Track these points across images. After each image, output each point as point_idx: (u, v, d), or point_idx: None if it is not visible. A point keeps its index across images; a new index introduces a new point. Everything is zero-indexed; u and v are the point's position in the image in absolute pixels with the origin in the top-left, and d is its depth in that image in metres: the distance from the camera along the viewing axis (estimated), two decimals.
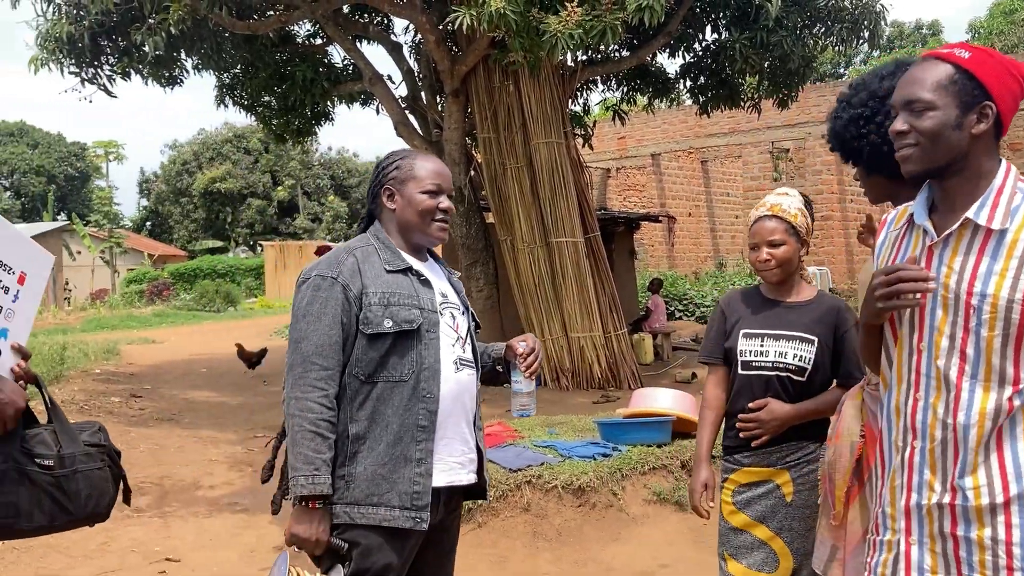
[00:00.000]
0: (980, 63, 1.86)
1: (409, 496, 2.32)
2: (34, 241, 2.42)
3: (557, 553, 4.70)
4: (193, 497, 6.09)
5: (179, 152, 43.07)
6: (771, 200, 2.81)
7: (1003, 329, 1.83)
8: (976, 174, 1.90)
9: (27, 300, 2.32)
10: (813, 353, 2.69)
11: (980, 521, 1.87)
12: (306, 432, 2.27)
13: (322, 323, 2.33)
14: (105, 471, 2.37)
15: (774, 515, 2.71)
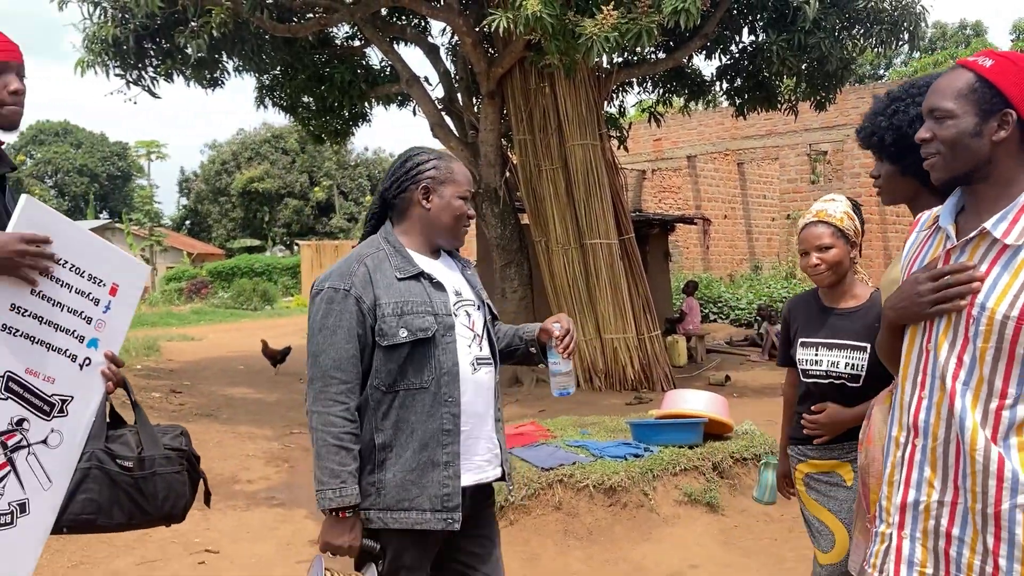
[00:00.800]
0: (1001, 71, 1.88)
1: (440, 499, 2.38)
2: (128, 253, 2.53)
3: (588, 552, 4.74)
4: (232, 491, 6.21)
5: (218, 152, 43.65)
6: (817, 207, 2.92)
7: (996, 343, 1.85)
8: (1004, 181, 1.92)
9: (119, 310, 2.41)
10: (866, 360, 2.77)
11: (974, 525, 1.89)
12: (330, 446, 2.32)
13: (338, 337, 2.36)
14: (183, 475, 2.47)
15: (837, 502, 2.86)
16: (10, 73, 2.25)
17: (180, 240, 41.66)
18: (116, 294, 2.39)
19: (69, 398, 2.27)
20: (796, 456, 2.97)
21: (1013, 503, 1.85)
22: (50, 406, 2.23)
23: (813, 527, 2.94)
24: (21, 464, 2.19)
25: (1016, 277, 1.85)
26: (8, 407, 2.14)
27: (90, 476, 2.31)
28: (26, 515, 2.20)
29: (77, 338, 2.29)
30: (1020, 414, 1.86)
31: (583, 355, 9.65)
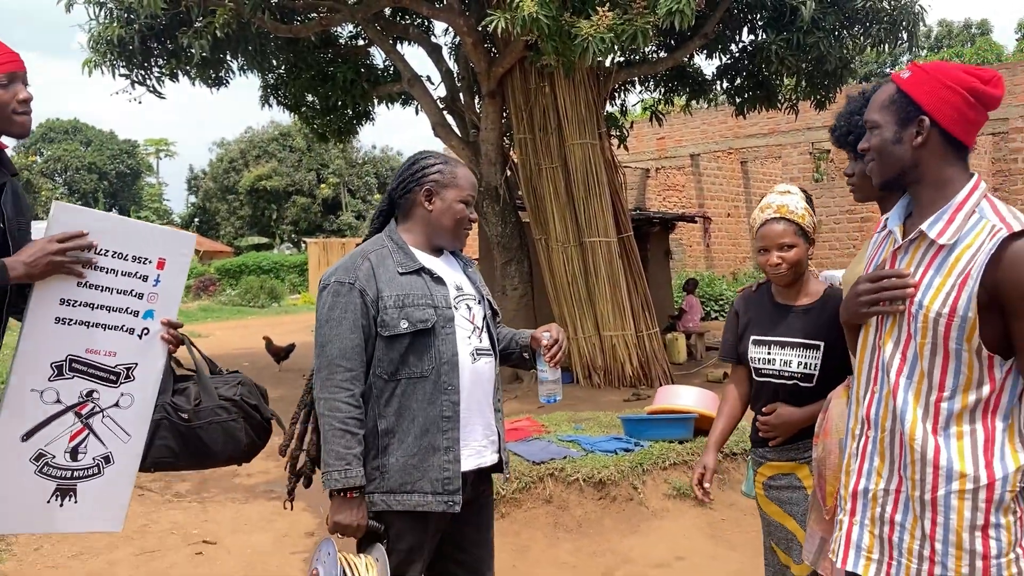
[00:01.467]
0: (915, 82, 2.00)
1: (440, 482, 2.51)
2: (169, 228, 2.83)
3: (577, 544, 4.84)
4: (231, 484, 6.33)
5: (226, 150, 43.85)
6: (776, 201, 2.82)
7: (932, 339, 1.96)
8: (936, 183, 2.03)
9: (170, 280, 2.69)
10: (819, 359, 2.72)
11: (914, 511, 2.00)
12: (336, 430, 2.45)
13: (343, 327, 2.50)
14: (238, 421, 2.76)
15: (798, 508, 2.78)
16: (18, 83, 2.38)
17: None
18: (164, 267, 2.66)
19: (134, 364, 2.58)
20: (756, 459, 2.92)
21: (948, 490, 1.95)
22: (116, 375, 2.56)
23: (776, 535, 2.88)
24: (98, 427, 2.56)
25: (948, 276, 1.95)
26: (76, 384, 2.49)
27: (161, 426, 2.66)
28: (111, 465, 2.60)
29: (131, 313, 2.58)
30: (957, 406, 1.96)
31: (582, 352, 9.73)
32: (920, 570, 1.98)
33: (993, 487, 1.93)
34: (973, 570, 1.93)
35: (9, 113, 2.37)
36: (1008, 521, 1.94)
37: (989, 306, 1.91)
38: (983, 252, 1.91)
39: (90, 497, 2.57)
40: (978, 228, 1.96)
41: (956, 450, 1.95)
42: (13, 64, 2.38)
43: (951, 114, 2.00)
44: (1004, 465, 1.94)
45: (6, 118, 2.38)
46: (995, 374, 1.95)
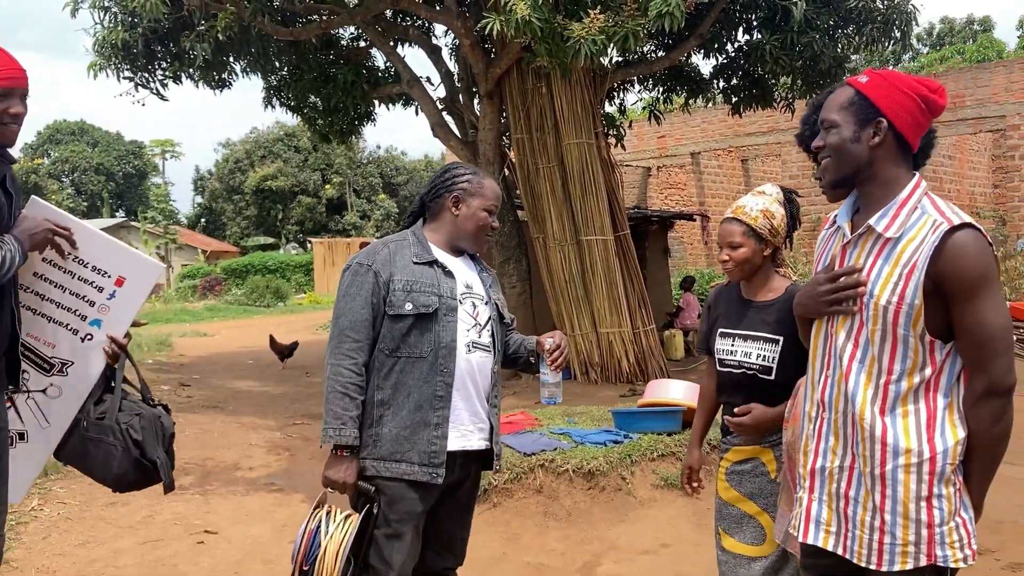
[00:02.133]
0: (874, 86, 2.16)
1: (427, 455, 2.74)
2: (142, 253, 2.98)
3: (566, 532, 4.99)
4: (233, 477, 6.49)
5: (232, 150, 44.08)
6: (740, 202, 2.96)
7: (882, 326, 2.12)
8: (885, 182, 2.19)
9: (125, 299, 2.86)
10: (778, 352, 2.83)
11: (865, 485, 2.16)
12: (336, 392, 2.72)
13: (356, 303, 2.78)
14: (116, 448, 2.85)
15: (761, 492, 2.89)
16: (14, 98, 2.51)
17: (195, 238, 42.13)
18: (122, 285, 2.83)
19: (69, 362, 2.77)
20: (725, 446, 3.00)
21: (895, 464, 2.11)
22: (49, 365, 2.74)
23: (727, 518, 2.95)
24: (20, 404, 2.72)
25: (895, 267, 2.11)
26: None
27: (76, 427, 2.82)
28: (24, 442, 2.77)
29: (79, 316, 2.77)
30: (903, 387, 2.13)
31: (579, 349, 9.87)
32: (872, 540, 2.14)
33: (935, 460, 2.09)
34: (919, 538, 2.09)
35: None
36: (949, 492, 2.10)
37: (933, 293, 2.07)
38: (927, 244, 2.07)
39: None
40: (921, 222, 2.12)
41: (902, 428, 2.12)
42: (14, 80, 2.51)
43: (906, 117, 2.16)
44: (944, 440, 2.10)
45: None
46: (936, 357, 2.12)
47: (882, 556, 2.13)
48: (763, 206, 2.90)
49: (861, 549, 2.17)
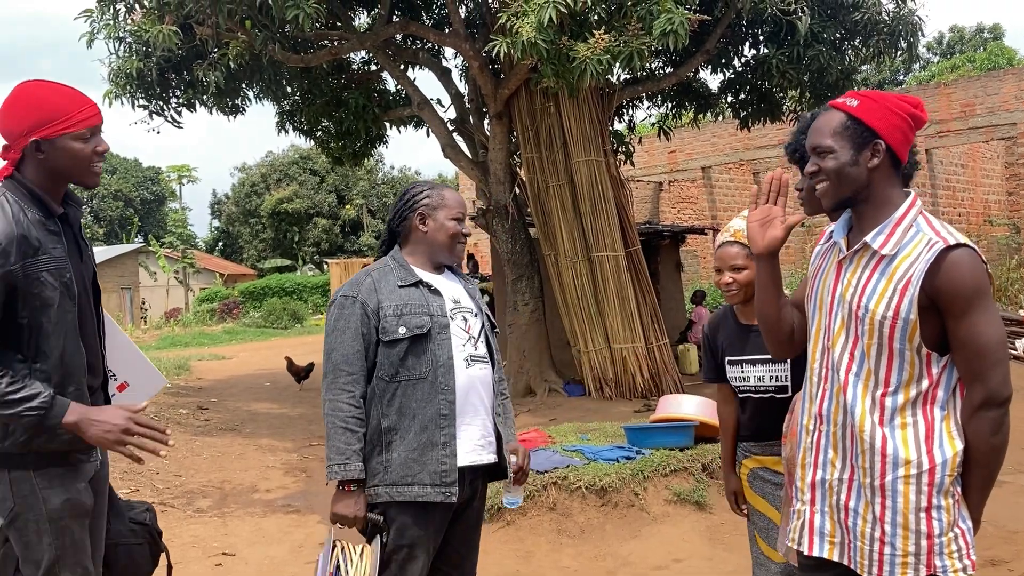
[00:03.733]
0: (866, 109, 2.20)
1: (439, 475, 2.76)
2: (152, 365, 2.95)
3: (579, 549, 5.02)
4: (250, 499, 6.56)
5: (248, 174, 44.44)
6: (736, 225, 2.99)
7: (878, 339, 2.17)
8: (881, 201, 2.24)
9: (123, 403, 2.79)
10: (788, 371, 2.89)
11: (865, 497, 2.20)
12: (338, 428, 2.73)
13: (346, 336, 2.79)
14: (144, 548, 2.81)
15: (778, 500, 2.91)
16: (98, 136, 2.54)
17: (212, 261, 42.46)
18: (123, 391, 2.82)
19: None
20: (741, 452, 3.09)
21: (895, 476, 2.15)
22: None
23: (759, 524, 3.03)
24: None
25: (891, 282, 2.16)
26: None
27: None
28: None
29: None
30: (900, 400, 2.17)
31: (592, 365, 9.91)
32: (872, 551, 2.18)
33: (934, 471, 2.13)
34: (919, 548, 2.13)
35: (87, 165, 2.50)
36: (948, 503, 2.13)
37: (928, 308, 2.12)
38: (922, 261, 2.12)
39: None
40: (915, 240, 2.17)
41: (900, 439, 2.16)
42: (95, 118, 2.52)
43: (899, 137, 2.22)
44: (943, 451, 2.14)
45: (85, 170, 2.51)
46: (932, 370, 2.16)
47: (882, 567, 2.17)
48: None
49: (862, 560, 2.20)
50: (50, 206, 2.47)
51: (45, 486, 2.41)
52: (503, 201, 10.31)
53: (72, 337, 2.45)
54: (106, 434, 2.39)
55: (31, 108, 2.46)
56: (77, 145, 2.47)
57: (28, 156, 2.48)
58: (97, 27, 9.67)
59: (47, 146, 2.45)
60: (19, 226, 2.37)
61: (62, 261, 2.44)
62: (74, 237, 2.57)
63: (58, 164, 2.47)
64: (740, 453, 3.11)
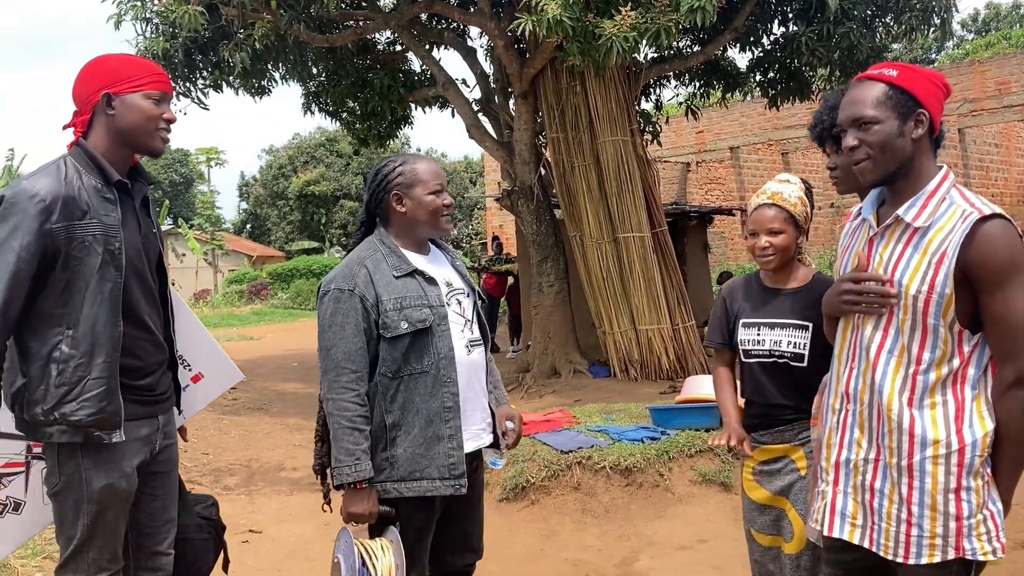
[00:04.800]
0: (907, 78, 2.14)
1: (447, 468, 2.72)
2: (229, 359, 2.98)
3: (603, 528, 5.02)
4: (277, 478, 6.62)
5: (275, 156, 44.62)
6: (772, 188, 2.89)
7: (911, 316, 2.12)
8: (917, 174, 2.18)
9: (196, 395, 2.88)
10: (808, 339, 2.77)
11: (891, 478, 2.16)
12: (345, 428, 2.64)
13: (346, 332, 2.68)
14: (209, 542, 2.86)
15: (791, 489, 2.84)
16: (167, 103, 2.55)
17: (241, 243, 42.75)
18: (198, 382, 2.86)
19: None
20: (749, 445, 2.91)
21: (923, 456, 2.11)
22: None
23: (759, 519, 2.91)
24: (35, 473, 2.60)
25: (924, 256, 2.11)
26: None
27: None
28: (16, 514, 2.63)
29: None
30: (931, 378, 2.12)
31: (618, 346, 9.87)
32: (899, 532, 2.14)
33: (964, 452, 2.08)
34: (947, 530, 2.09)
35: (153, 129, 2.50)
36: (977, 484, 2.09)
37: (962, 283, 2.07)
38: (957, 233, 2.07)
39: None
40: (949, 212, 2.11)
41: (930, 419, 2.11)
42: (166, 85, 2.54)
43: (937, 106, 2.17)
44: (973, 431, 2.09)
45: (150, 133, 2.50)
46: (963, 348, 2.12)
47: (909, 549, 2.13)
48: (799, 194, 2.87)
49: (887, 542, 2.17)
50: (108, 173, 2.47)
51: (89, 467, 2.42)
52: (528, 182, 10.27)
53: (109, 308, 2.43)
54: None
55: (103, 68, 2.49)
56: (147, 104, 2.47)
57: (97, 117, 2.48)
58: (124, 8, 9.72)
59: (117, 102, 2.46)
60: (68, 188, 2.37)
61: (112, 229, 2.43)
62: (134, 210, 2.55)
63: (126, 123, 2.47)
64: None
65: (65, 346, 2.36)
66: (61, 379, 2.37)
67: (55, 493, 2.45)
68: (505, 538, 4.87)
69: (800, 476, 2.82)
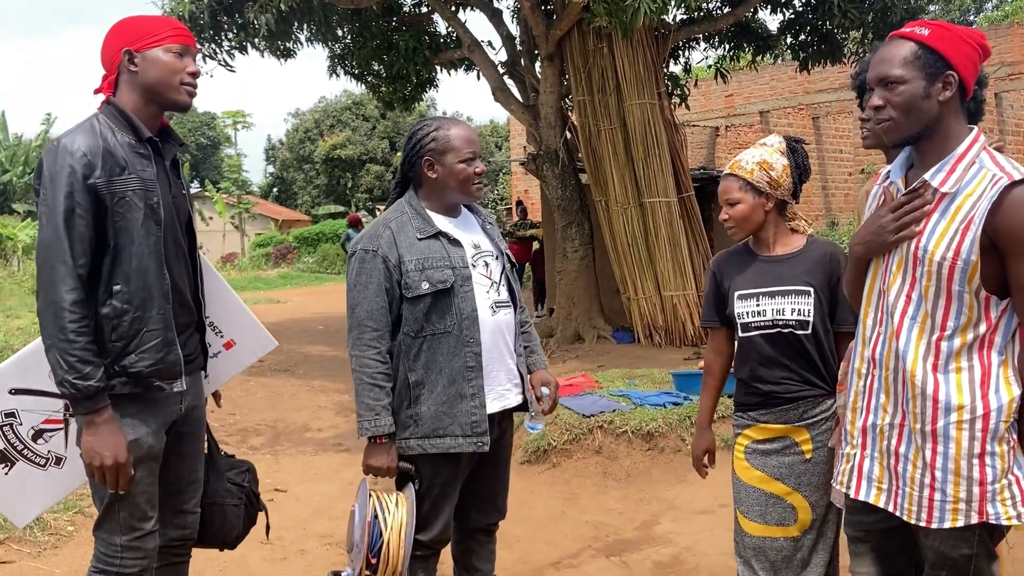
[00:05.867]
0: (939, 37, 2.08)
1: (469, 425, 2.77)
2: (262, 325, 2.97)
3: (624, 492, 5.04)
4: (302, 438, 6.70)
5: (301, 120, 44.62)
6: (737, 157, 2.76)
7: (936, 282, 2.09)
8: (944, 136, 2.13)
9: (227, 361, 2.87)
10: (811, 304, 2.64)
11: (915, 443, 2.14)
12: (365, 384, 2.72)
13: (369, 291, 2.74)
14: (240, 508, 2.85)
15: (792, 471, 2.69)
16: (190, 56, 2.55)
17: (267, 207, 42.93)
18: (230, 349, 2.86)
19: None
20: (744, 421, 2.78)
21: (947, 421, 2.09)
22: None
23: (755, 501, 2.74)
24: (73, 429, 2.60)
25: (952, 222, 2.07)
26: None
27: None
28: (58, 468, 2.65)
29: None
30: (956, 344, 2.10)
31: (642, 312, 9.83)
32: (922, 497, 2.13)
33: (988, 417, 2.06)
34: (970, 495, 2.08)
35: (177, 83, 2.50)
36: (1002, 449, 2.08)
37: (989, 249, 2.03)
38: (985, 198, 2.03)
39: (19, 480, 2.60)
40: (979, 177, 2.07)
41: (955, 384, 2.09)
42: (187, 38, 2.54)
43: (971, 68, 2.11)
44: (999, 397, 2.07)
45: (174, 87, 2.50)
46: (991, 313, 2.08)
47: (932, 513, 2.12)
48: (760, 158, 2.70)
49: (911, 506, 2.16)
50: (140, 130, 2.48)
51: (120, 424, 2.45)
52: (554, 146, 10.19)
53: (155, 261, 2.45)
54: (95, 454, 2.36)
55: (124, 27, 2.51)
56: (167, 57, 2.48)
57: (123, 75, 2.50)
58: None
59: (139, 59, 2.47)
60: (106, 143, 2.39)
61: (150, 184, 2.45)
62: (165, 170, 2.57)
63: (149, 78, 2.48)
64: (740, 423, 2.80)
65: (117, 302, 2.39)
66: (117, 334, 2.40)
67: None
68: (526, 500, 4.91)
69: (804, 459, 2.68)
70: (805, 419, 2.68)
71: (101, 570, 2.52)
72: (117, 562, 2.50)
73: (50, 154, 2.37)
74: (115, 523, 2.50)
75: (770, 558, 2.73)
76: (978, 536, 2.13)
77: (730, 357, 2.88)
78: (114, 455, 2.37)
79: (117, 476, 2.39)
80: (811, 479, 2.69)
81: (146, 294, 2.43)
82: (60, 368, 2.31)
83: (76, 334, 2.31)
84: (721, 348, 2.88)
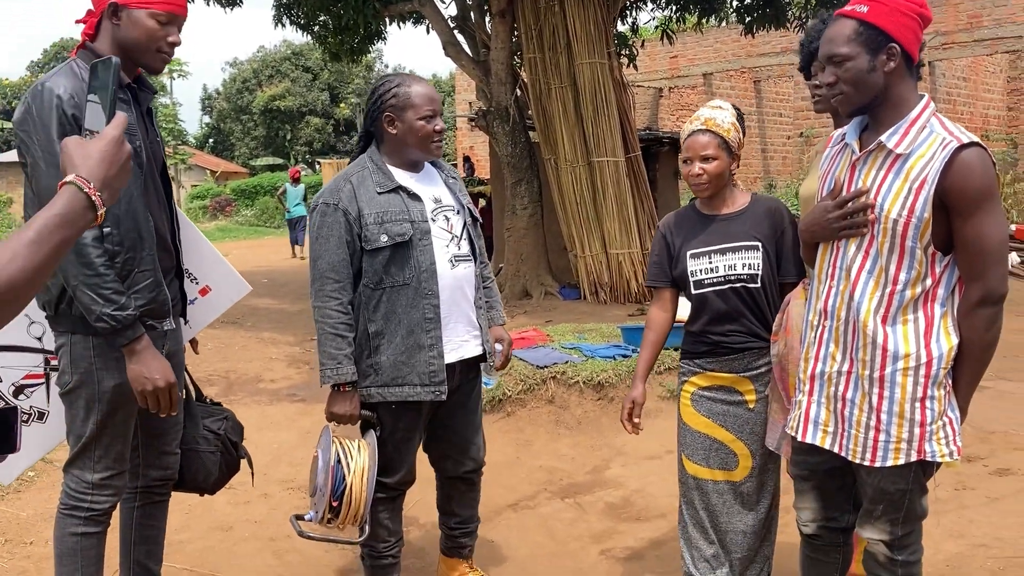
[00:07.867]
0: (877, 13, 2.25)
1: (427, 375, 2.89)
2: (236, 271, 3.00)
3: (576, 439, 5.24)
4: (256, 389, 6.75)
5: (239, 70, 43.63)
6: (705, 114, 2.84)
7: (891, 238, 2.28)
8: (897, 102, 2.30)
9: (203, 308, 2.92)
10: (760, 258, 2.79)
11: (862, 388, 2.34)
12: (327, 334, 2.82)
13: (330, 244, 2.83)
14: (215, 455, 2.92)
15: (735, 420, 2.84)
16: (174, 26, 2.55)
17: (204, 159, 41.98)
18: (206, 295, 2.91)
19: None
20: (690, 369, 2.91)
21: (894, 368, 2.29)
22: None
23: (699, 445, 2.87)
24: (55, 383, 2.64)
25: (905, 182, 2.26)
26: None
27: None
28: (41, 423, 2.72)
29: None
30: (907, 296, 2.29)
31: (589, 270, 10.02)
32: (867, 438, 2.34)
33: (931, 364, 2.27)
34: (911, 435, 2.29)
35: (155, 49, 2.51)
36: (940, 394, 2.29)
37: (939, 207, 2.22)
38: (937, 160, 2.21)
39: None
40: (930, 140, 2.25)
41: (902, 334, 2.29)
42: (179, 8, 2.54)
43: (911, 37, 2.27)
44: (939, 346, 2.28)
45: (151, 52, 2.51)
46: (935, 268, 2.28)
47: (876, 452, 2.33)
48: (731, 119, 2.82)
49: (855, 447, 2.36)
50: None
51: (101, 367, 2.51)
52: (504, 103, 10.25)
53: (140, 203, 2.49)
54: (145, 379, 2.43)
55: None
56: (151, 23, 2.49)
57: (104, 24, 2.51)
58: None
59: (124, 15, 2.48)
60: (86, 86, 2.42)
61: (132, 127, 2.47)
62: (141, 117, 2.60)
63: (128, 37, 2.49)
64: (686, 371, 2.93)
65: (109, 244, 2.42)
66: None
67: (68, 391, 2.54)
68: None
69: (748, 409, 2.83)
70: (750, 369, 2.83)
71: (71, 506, 2.59)
72: (88, 499, 2.58)
73: (36, 97, 2.38)
74: (89, 460, 2.57)
75: (712, 500, 2.89)
76: (914, 472, 2.34)
77: (673, 315, 2.99)
78: (164, 377, 2.45)
79: (169, 398, 2.47)
80: (754, 428, 2.84)
81: (136, 235, 2.47)
82: (97, 303, 2.35)
83: (104, 267, 2.36)
84: (665, 306, 2.98)
